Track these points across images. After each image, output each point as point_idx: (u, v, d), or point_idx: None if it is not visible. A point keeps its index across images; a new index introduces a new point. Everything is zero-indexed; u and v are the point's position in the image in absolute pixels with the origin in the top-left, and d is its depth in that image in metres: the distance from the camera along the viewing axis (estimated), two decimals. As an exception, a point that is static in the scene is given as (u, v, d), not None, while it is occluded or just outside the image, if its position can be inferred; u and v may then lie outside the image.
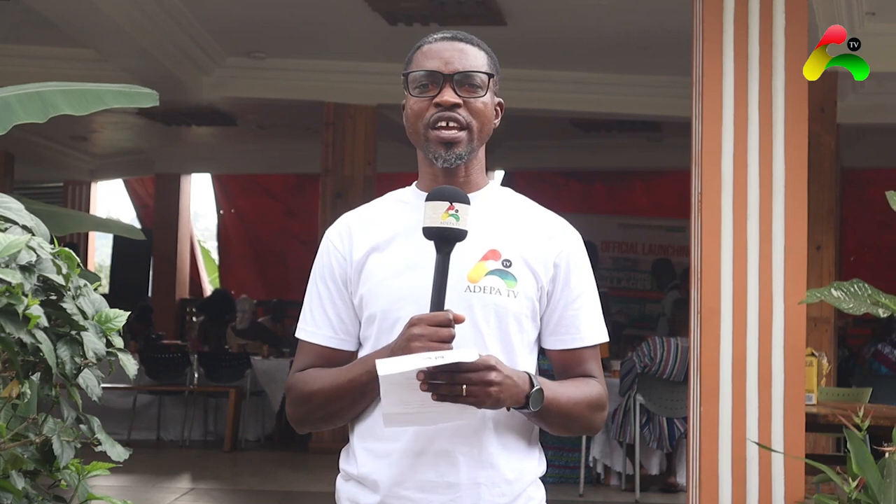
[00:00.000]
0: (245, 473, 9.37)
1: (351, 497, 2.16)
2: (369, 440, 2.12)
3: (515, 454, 2.13)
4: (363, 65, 9.85)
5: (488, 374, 1.96)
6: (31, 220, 1.96)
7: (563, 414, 2.11)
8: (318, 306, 2.21)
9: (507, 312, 2.12)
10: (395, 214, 2.19)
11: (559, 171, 14.27)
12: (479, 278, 2.12)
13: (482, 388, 1.95)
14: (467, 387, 1.94)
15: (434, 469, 2.08)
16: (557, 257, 2.18)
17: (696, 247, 5.00)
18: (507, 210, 2.22)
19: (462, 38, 2.20)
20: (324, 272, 2.22)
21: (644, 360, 8.24)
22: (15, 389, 1.89)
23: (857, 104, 9.56)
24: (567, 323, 2.19)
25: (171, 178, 15.06)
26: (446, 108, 2.12)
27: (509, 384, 1.99)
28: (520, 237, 2.17)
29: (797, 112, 4.96)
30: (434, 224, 2.02)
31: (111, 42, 8.54)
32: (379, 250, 2.16)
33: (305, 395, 2.17)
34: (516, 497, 2.13)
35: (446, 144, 2.13)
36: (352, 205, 2.33)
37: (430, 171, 2.19)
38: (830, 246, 8.47)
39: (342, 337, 2.19)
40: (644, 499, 8.18)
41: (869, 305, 3.57)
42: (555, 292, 2.18)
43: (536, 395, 2.04)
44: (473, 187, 2.20)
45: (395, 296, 2.11)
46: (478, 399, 1.96)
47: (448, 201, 2.02)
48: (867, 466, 3.16)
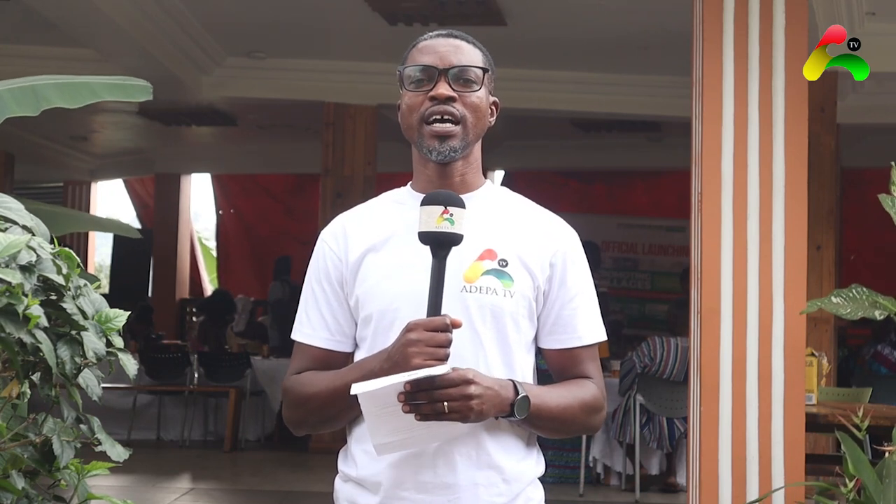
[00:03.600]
0: (245, 473, 9.37)
1: (350, 498, 2.16)
2: (367, 442, 2.11)
3: (513, 455, 2.13)
4: (363, 65, 9.85)
5: (467, 387, 1.96)
6: (31, 220, 1.96)
7: (553, 419, 2.11)
8: (313, 308, 2.20)
9: (503, 312, 2.11)
10: (391, 215, 2.19)
11: (559, 171, 14.27)
12: (475, 278, 2.11)
13: (463, 403, 1.95)
14: (448, 403, 1.94)
15: (432, 470, 2.08)
16: (554, 256, 2.18)
17: (696, 247, 5.00)
18: (503, 210, 2.21)
19: (457, 36, 2.21)
20: (319, 274, 2.21)
21: (644, 360, 8.25)
22: (15, 389, 1.89)
23: (857, 104, 9.56)
24: (564, 322, 2.18)
25: (171, 177, 15.05)
26: (441, 102, 2.12)
27: (490, 395, 1.99)
28: (516, 237, 2.16)
29: (797, 112, 4.95)
30: (429, 229, 2.02)
31: (111, 42, 8.55)
32: (375, 251, 2.16)
33: (302, 398, 2.17)
34: (515, 497, 2.13)
35: (440, 138, 2.13)
36: (352, 205, 2.33)
37: (424, 171, 2.19)
38: (830, 246, 8.47)
39: (338, 338, 2.19)
40: (644, 499, 8.18)
41: (866, 308, 3.57)
42: (551, 291, 2.17)
43: (521, 402, 2.04)
44: (469, 187, 2.20)
45: (392, 296, 2.10)
46: (460, 414, 1.96)
47: (443, 205, 2.02)
48: (863, 468, 3.16)
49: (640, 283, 13.28)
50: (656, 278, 13.19)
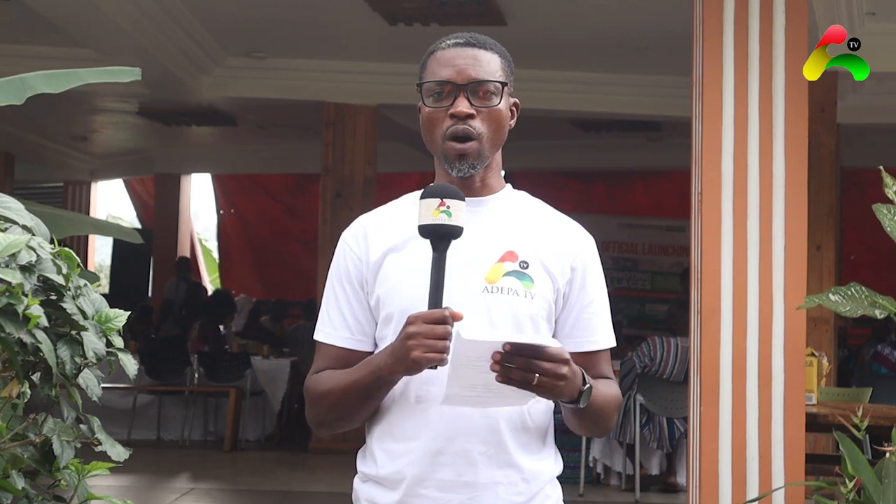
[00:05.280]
0: (245, 473, 9.37)
1: (369, 498, 2.17)
2: (387, 441, 2.13)
3: (533, 454, 2.15)
4: (363, 65, 9.85)
5: (562, 367, 1.97)
6: (31, 220, 1.96)
7: (598, 411, 2.14)
8: (334, 308, 2.22)
9: (524, 314, 2.13)
10: (411, 216, 2.18)
11: (559, 171, 14.27)
12: (496, 279, 2.13)
13: (552, 381, 1.96)
14: (540, 376, 1.94)
15: (453, 468, 2.09)
16: (574, 261, 2.20)
17: (696, 247, 5.00)
18: (523, 213, 2.23)
19: (475, 43, 2.20)
20: (340, 274, 2.23)
21: (644, 361, 8.25)
22: (15, 389, 1.89)
23: (857, 104, 9.56)
24: (582, 326, 2.21)
25: (172, 177, 15.06)
26: (461, 119, 2.14)
27: (572, 379, 2.02)
28: (537, 240, 2.19)
29: (797, 112, 4.96)
30: (426, 221, 2.03)
31: (111, 42, 8.55)
32: (395, 251, 2.17)
33: (318, 396, 2.19)
34: (533, 496, 2.15)
35: (460, 156, 2.15)
36: (351, 205, 2.34)
37: (446, 176, 2.21)
38: (830, 246, 8.47)
39: (359, 338, 2.20)
40: (644, 499, 8.18)
41: (866, 307, 3.56)
42: (571, 295, 2.20)
43: (588, 392, 2.06)
44: (489, 191, 2.22)
45: (412, 296, 2.11)
46: (545, 389, 1.97)
47: (439, 198, 2.03)
48: (862, 468, 3.15)
49: (640, 283, 13.28)
50: (656, 278, 13.20)
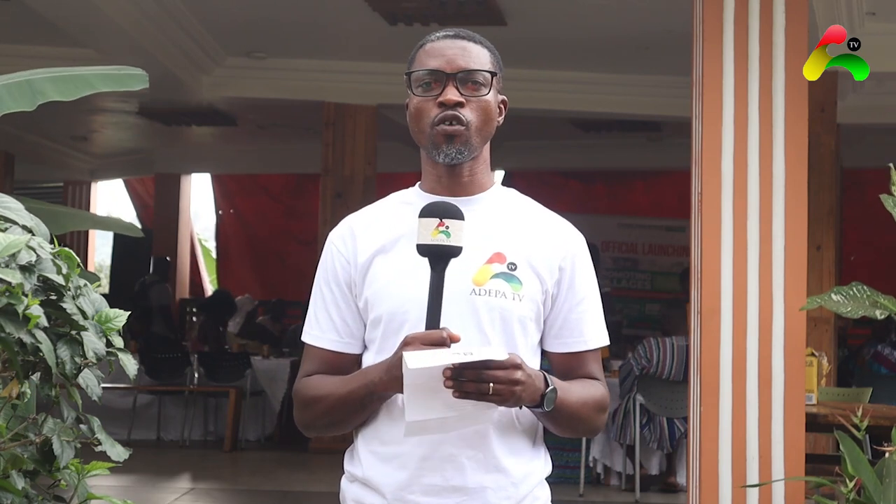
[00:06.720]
0: (245, 473, 9.37)
1: (356, 498, 2.15)
2: (374, 443, 2.11)
3: (522, 456, 2.13)
4: (363, 65, 9.85)
5: (515, 372, 1.95)
6: (31, 220, 1.96)
7: (571, 414, 2.11)
8: (322, 310, 2.20)
9: (512, 316, 2.11)
10: (399, 216, 2.17)
11: (559, 171, 14.26)
12: (484, 281, 2.11)
13: (508, 387, 1.94)
14: (494, 385, 1.93)
15: (440, 473, 2.07)
16: (563, 261, 2.17)
17: (696, 247, 5.00)
18: (512, 212, 2.21)
19: (464, 36, 2.19)
20: (327, 275, 2.20)
21: (641, 362, 8.24)
22: (15, 389, 1.89)
23: (857, 104, 9.56)
24: (571, 326, 2.18)
25: (171, 177, 15.05)
26: (449, 108, 2.12)
27: (531, 383, 1.99)
28: (525, 240, 2.16)
29: (797, 112, 4.95)
30: (425, 241, 2.01)
31: (111, 42, 8.54)
32: (384, 253, 2.15)
33: (309, 401, 2.17)
34: (522, 499, 2.13)
35: (448, 137, 2.12)
36: (351, 205, 2.33)
37: (433, 172, 2.19)
38: (831, 246, 8.47)
39: (347, 340, 2.18)
40: (644, 499, 8.18)
41: (867, 307, 3.56)
42: (559, 295, 2.17)
43: (551, 394, 2.04)
44: (478, 188, 2.20)
45: (401, 299, 2.10)
46: (501, 397, 1.95)
47: (438, 218, 2.01)
48: (862, 468, 3.15)
49: (640, 283, 13.28)
50: (656, 278, 13.20)
